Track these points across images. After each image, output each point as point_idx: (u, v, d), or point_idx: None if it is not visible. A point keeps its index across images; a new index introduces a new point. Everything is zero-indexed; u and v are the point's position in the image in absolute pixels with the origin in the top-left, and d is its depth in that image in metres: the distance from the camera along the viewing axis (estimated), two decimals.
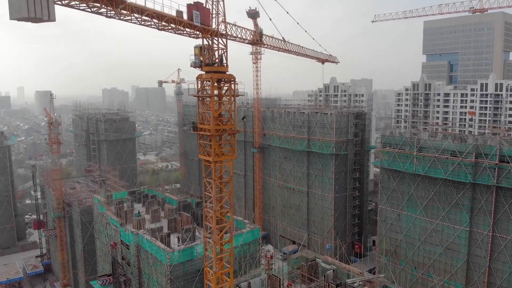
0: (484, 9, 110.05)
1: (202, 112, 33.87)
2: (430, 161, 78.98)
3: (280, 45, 54.53)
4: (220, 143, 34.61)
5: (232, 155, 35.77)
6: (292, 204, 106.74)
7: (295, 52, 64.94)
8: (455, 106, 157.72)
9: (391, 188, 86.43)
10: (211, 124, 32.49)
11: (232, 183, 37.82)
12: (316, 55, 77.31)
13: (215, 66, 32.43)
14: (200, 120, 33.98)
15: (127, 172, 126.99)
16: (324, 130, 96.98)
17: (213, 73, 32.26)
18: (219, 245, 38.20)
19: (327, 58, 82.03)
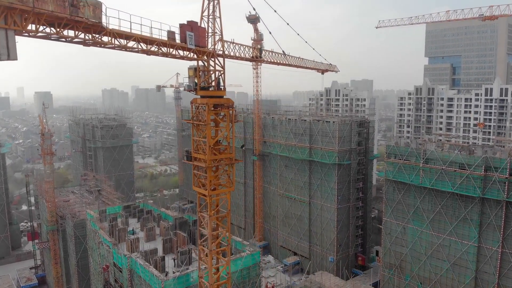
0: (495, 16, 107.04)
1: (197, 140, 30.90)
2: (437, 173, 76.05)
3: (280, 60, 51.85)
4: (217, 174, 31.61)
5: (230, 186, 32.73)
6: (293, 214, 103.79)
7: (295, 65, 62.24)
8: (459, 111, 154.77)
9: (396, 200, 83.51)
10: (207, 154, 29.52)
11: (229, 218, 34.62)
12: (316, 66, 74.84)
13: (211, 90, 29.53)
14: (194, 149, 31.04)
15: (124, 180, 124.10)
16: (327, 138, 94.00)
17: (209, 98, 29.36)
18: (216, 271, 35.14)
19: (327, 68, 79.66)
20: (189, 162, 31.30)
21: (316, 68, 76.09)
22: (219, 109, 30.36)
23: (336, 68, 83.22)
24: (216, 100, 29.90)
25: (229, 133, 31.00)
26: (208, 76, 29.25)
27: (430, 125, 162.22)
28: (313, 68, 75.67)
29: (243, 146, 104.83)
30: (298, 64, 63.59)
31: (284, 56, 52.81)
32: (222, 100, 30.22)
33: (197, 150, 30.72)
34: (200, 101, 29.72)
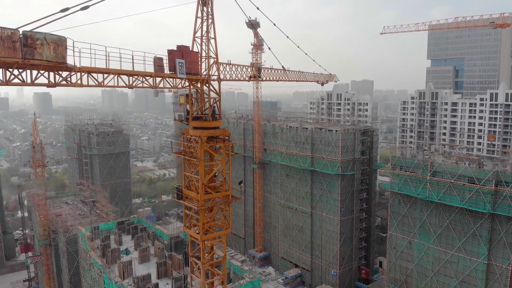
0: (507, 24, 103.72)
1: (189, 175, 27.76)
2: (445, 187, 72.97)
3: (279, 76, 49.01)
4: (211, 215, 28.46)
5: (226, 228, 29.54)
6: (295, 225, 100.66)
7: (295, 80, 59.45)
8: (463, 116, 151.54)
9: (402, 214, 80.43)
10: (199, 193, 26.41)
11: (225, 263, 31.37)
12: (316, 77, 72.33)
13: (205, 121, 26.43)
14: (185, 185, 27.92)
15: (121, 188, 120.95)
16: (329, 148, 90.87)
17: (203, 130, 26.27)
18: None
19: (327, 79, 77.27)
20: (179, 201, 28.21)
21: (316, 80, 73.51)
22: (214, 141, 27.29)
23: (336, 78, 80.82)
24: (210, 132, 26.85)
25: (226, 168, 27.92)
26: (202, 104, 26.25)
27: (433, 130, 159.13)
28: (313, 81, 73.08)
29: (241, 183, 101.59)
30: (298, 79, 60.84)
31: (284, 72, 50.03)
32: (217, 131, 27.17)
33: (189, 187, 27.62)
34: (193, 133, 26.65)
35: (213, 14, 25.30)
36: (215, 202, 28.14)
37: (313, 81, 73.66)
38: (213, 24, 25.57)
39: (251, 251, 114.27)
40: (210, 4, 24.76)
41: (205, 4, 24.87)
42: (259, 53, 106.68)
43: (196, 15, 25.22)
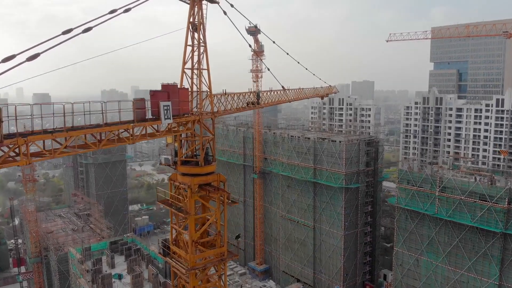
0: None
1: (177, 229, 24.22)
2: (454, 203, 69.53)
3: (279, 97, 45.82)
4: (204, 276, 24.81)
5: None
6: (297, 238, 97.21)
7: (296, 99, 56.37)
8: (469, 122, 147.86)
9: (409, 230, 77.04)
10: (189, 252, 22.83)
11: None
12: (316, 92, 69.42)
13: (196, 166, 22.96)
14: (173, 239, 24.36)
15: (117, 197, 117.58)
16: (333, 159, 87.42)
17: (193, 177, 22.78)
18: None
19: (327, 93, 74.61)
20: (165, 258, 24.67)
21: (316, 95, 70.67)
22: (206, 191, 23.67)
23: (335, 89, 78.00)
24: (202, 179, 23.28)
25: (220, 219, 24.36)
26: (193, 146, 22.88)
27: (437, 136, 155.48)
28: (313, 96, 70.04)
29: (238, 237, 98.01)
30: (298, 97, 57.83)
31: (284, 92, 46.98)
32: (210, 178, 23.59)
33: (177, 242, 24.04)
34: (181, 180, 23.16)
35: (205, 41, 21.96)
36: (208, 260, 24.57)
37: (313, 96, 70.43)
38: (206, 53, 22.19)
39: (251, 264, 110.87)
40: (202, 30, 21.39)
41: (196, 29, 21.52)
42: (259, 60, 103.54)
43: (186, 42, 21.91)
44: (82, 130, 17.75)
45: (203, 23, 22.14)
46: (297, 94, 56.55)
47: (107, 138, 19.29)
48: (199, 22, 22.01)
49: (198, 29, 21.56)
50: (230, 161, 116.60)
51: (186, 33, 21.80)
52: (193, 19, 22.62)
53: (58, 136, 17.54)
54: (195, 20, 22.27)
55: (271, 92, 42.57)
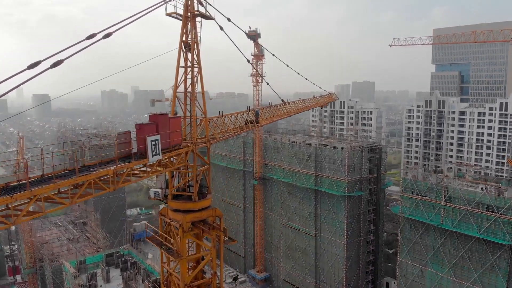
0: None
1: (167, 272, 22.15)
2: (460, 214, 67.57)
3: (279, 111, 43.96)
4: None
5: None
6: (298, 246, 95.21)
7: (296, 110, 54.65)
8: (472, 126, 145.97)
9: (413, 240, 75.09)
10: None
11: None
12: (316, 102, 67.83)
13: (189, 201, 20.91)
14: (164, 279, 22.33)
15: (115, 203, 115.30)
16: (335, 166, 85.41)
17: (185, 214, 20.69)
18: None
19: (327, 101, 73.20)
20: None
21: (316, 105, 69.10)
22: (200, 228, 21.49)
23: (335, 95, 76.59)
24: (196, 216, 21.11)
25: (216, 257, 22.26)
26: (186, 179, 20.91)
27: (440, 139, 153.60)
28: (314, 106, 68.45)
29: (236, 279, 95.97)
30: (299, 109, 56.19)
31: (284, 105, 45.25)
32: (205, 214, 21.42)
33: (168, 283, 22.01)
34: (172, 216, 21.10)
35: (200, 62, 20.00)
36: None
37: (313, 107, 68.72)
38: (201, 75, 20.21)
39: (251, 272, 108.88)
40: (196, 50, 19.39)
41: (190, 49, 19.53)
42: (259, 64, 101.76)
43: (178, 64, 19.93)
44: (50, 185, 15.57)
45: (197, 42, 20.24)
46: (298, 106, 54.74)
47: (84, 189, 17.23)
48: (192, 41, 20.09)
49: (192, 49, 19.62)
50: (229, 166, 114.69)
51: (178, 53, 19.86)
52: (186, 37, 20.76)
53: (19, 198, 15.28)
54: (188, 39, 20.35)
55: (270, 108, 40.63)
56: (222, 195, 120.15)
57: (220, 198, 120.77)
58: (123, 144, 18.31)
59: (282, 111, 44.90)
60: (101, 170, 18.04)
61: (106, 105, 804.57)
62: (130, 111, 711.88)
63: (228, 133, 26.16)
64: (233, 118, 27.71)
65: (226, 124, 25.75)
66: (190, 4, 20.71)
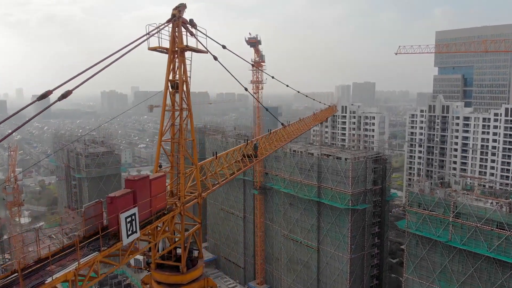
0: None
1: None
2: (470, 231, 64.75)
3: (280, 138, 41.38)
4: None
5: None
6: (299, 259, 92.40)
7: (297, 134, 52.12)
8: (476, 132, 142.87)
9: (420, 256, 72.24)
10: None
11: None
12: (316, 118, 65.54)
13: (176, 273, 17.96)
14: None
15: None
16: (338, 178, 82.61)
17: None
18: None
19: (327, 116, 71.04)
20: None
21: (318, 121, 66.78)
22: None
23: (335, 108, 74.39)
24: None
25: None
26: (172, 246, 18.00)
27: (444, 145, 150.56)
28: (315, 124, 66.13)
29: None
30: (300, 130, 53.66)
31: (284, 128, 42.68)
32: (196, 286, 18.36)
33: None
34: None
35: (190, 104, 17.20)
36: None
37: (315, 124, 66.42)
38: (191, 119, 17.38)
39: (251, 284, 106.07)
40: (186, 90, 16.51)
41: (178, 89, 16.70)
42: (260, 71, 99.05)
43: (164, 106, 17.10)
44: None
45: (187, 81, 17.45)
46: (299, 127, 51.98)
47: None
48: (181, 80, 17.28)
49: (181, 90, 16.78)
50: None
51: (164, 94, 17.01)
52: (174, 75, 18.02)
53: None
54: (176, 77, 17.59)
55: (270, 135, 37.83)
56: (222, 203, 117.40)
57: (220, 206, 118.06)
58: (94, 218, 15.37)
59: (282, 137, 42.10)
60: (57, 277, 14.96)
61: (106, 106, 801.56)
62: (130, 112, 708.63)
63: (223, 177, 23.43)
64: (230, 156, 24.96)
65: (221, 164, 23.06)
66: (178, 36, 17.98)
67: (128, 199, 15.09)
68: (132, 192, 15.41)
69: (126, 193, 15.23)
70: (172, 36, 18.54)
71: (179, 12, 18.67)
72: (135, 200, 15.26)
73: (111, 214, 14.80)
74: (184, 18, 19.25)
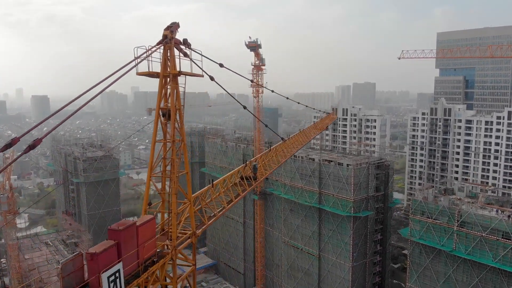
0: None
1: None
2: (475, 240, 63.36)
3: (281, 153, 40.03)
4: None
5: None
6: (300, 266, 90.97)
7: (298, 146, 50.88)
8: (479, 135, 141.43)
9: (423, 265, 70.82)
10: None
11: None
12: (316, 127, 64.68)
13: None
14: None
15: (110, 217, 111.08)
16: (340, 184, 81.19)
17: None
18: None
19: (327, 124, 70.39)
20: None
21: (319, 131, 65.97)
22: None
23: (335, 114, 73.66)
24: None
25: None
26: None
27: (446, 148, 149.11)
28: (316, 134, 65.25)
29: None
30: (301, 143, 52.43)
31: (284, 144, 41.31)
32: None
33: None
34: None
35: (183, 134, 15.78)
36: None
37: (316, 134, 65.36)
38: (185, 150, 15.96)
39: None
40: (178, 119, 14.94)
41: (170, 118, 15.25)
42: (260, 74, 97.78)
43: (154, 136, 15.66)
44: None
45: (180, 111, 15.92)
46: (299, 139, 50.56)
47: None
48: (173, 108, 15.72)
49: (173, 120, 15.20)
50: None
51: (155, 123, 15.46)
52: (166, 102, 16.58)
53: None
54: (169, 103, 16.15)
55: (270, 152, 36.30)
56: None
57: None
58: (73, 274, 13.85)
59: (282, 152, 40.61)
60: None
61: (106, 106, 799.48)
62: (130, 112, 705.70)
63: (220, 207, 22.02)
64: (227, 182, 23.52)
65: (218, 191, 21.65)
66: (170, 59, 16.45)
67: (111, 254, 13.34)
68: (116, 244, 13.72)
69: (108, 246, 13.51)
70: (164, 59, 17.09)
71: (172, 33, 17.20)
72: (120, 253, 13.54)
73: (92, 273, 13.09)
74: (177, 39, 17.83)
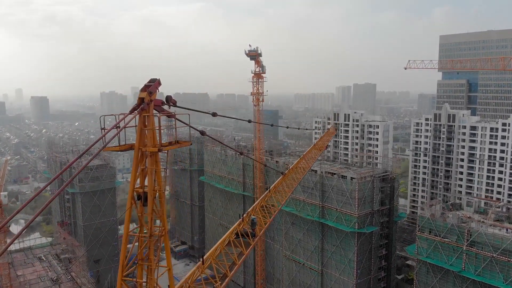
0: None
1: None
2: (485, 261, 60.56)
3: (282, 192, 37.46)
4: None
5: None
6: (302, 282, 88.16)
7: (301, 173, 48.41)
8: (483, 142, 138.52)
9: (431, 285, 67.99)
10: None
11: None
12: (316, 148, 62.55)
13: None
14: None
15: (106, 228, 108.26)
16: (343, 198, 78.34)
17: None
18: None
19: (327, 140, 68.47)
20: None
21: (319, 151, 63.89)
22: None
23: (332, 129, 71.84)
24: None
25: None
26: None
27: (450, 155, 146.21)
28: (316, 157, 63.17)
29: None
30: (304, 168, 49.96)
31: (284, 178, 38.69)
32: None
33: None
34: None
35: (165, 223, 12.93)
36: None
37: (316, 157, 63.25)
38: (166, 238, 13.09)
39: None
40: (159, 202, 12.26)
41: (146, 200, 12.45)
42: (260, 82, 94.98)
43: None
44: None
45: (161, 193, 12.86)
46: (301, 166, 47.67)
47: None
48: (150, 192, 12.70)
49: (150, 207, 12.24)
50: (228, 189, 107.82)
51: (128, 208, 12.46)
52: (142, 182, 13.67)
53: None
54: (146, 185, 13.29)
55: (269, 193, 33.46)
56: (220, 218, 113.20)
57: (218, 222, 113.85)
58: None
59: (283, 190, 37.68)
60: None
61: (106, 107, 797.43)
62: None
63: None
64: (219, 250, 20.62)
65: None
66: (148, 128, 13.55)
67: None
68: None
69: None
70: (139, 130, 14.16)
71: (150, 94, 14.19)
72: None
73: None
74: (157, 100, 14.97)
